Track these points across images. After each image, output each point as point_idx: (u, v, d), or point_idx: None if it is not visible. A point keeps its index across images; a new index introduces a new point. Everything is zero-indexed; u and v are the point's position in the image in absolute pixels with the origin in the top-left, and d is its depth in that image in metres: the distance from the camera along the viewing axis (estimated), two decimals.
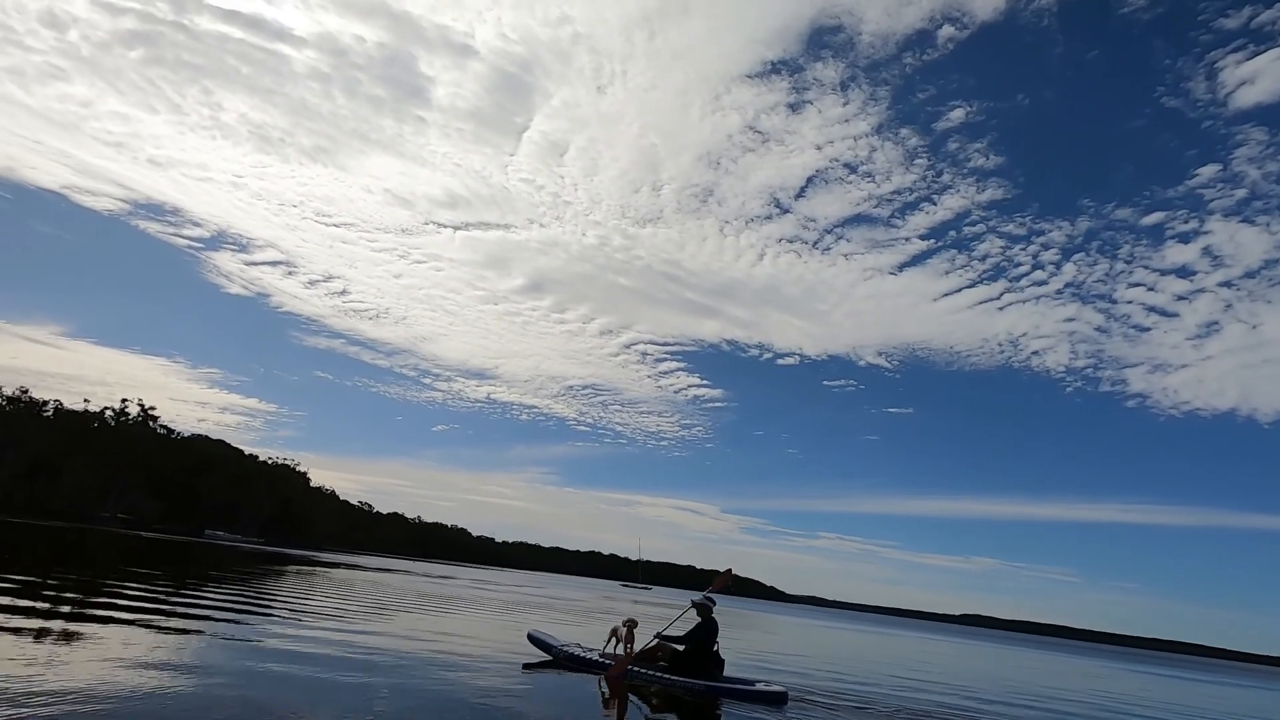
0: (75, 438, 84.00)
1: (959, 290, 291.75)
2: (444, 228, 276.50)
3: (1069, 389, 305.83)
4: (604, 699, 9.12)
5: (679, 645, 10.75)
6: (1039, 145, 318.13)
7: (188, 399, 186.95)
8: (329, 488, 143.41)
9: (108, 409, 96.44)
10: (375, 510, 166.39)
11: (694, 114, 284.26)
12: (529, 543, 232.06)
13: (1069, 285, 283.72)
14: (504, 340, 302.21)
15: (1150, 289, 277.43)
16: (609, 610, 31.42)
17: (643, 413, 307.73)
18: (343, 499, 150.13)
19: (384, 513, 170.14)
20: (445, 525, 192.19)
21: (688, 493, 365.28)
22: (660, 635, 11.03)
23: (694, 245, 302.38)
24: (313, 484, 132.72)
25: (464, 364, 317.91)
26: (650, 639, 11.00)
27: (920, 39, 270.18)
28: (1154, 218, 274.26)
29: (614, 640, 11.36)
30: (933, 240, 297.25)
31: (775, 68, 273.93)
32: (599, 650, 11.50)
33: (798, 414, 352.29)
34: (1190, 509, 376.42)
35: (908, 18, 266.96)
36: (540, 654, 11.81)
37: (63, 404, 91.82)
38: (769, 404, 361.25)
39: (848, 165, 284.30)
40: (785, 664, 17.07)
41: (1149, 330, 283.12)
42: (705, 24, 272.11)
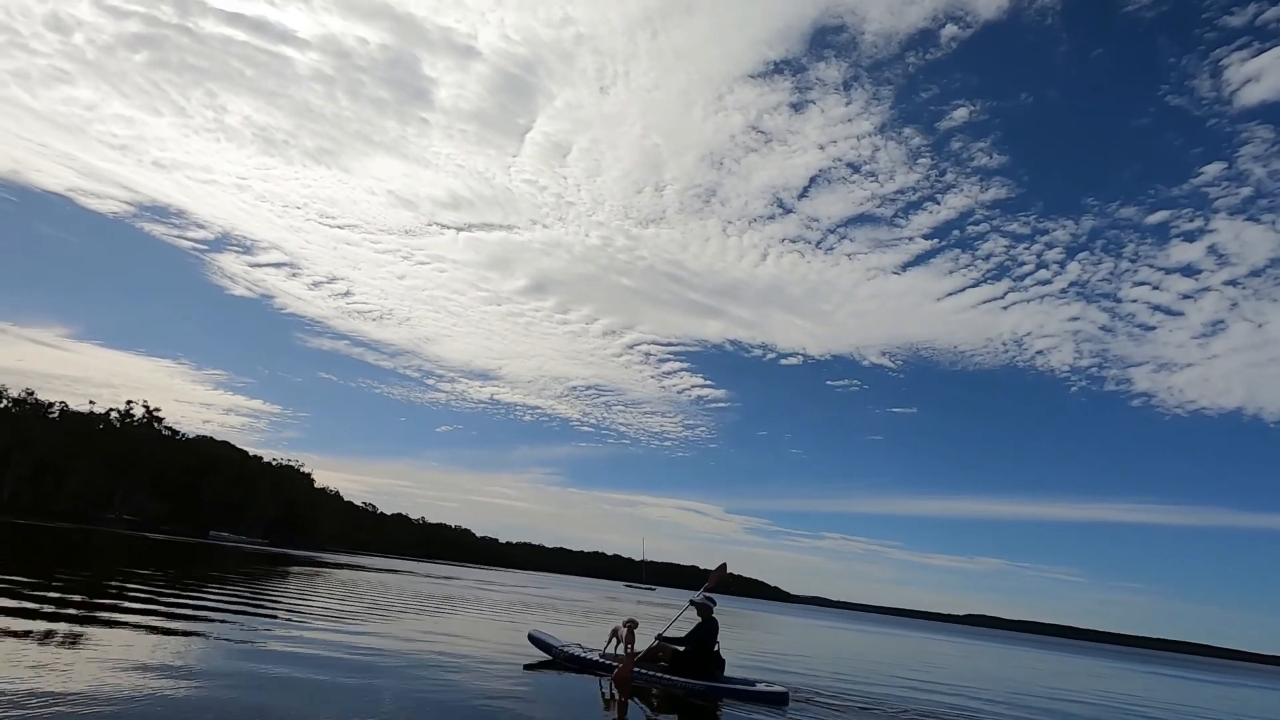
0: (81, 439, 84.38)
1: (963, 290, 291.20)
2: (447, 229, 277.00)
3: (1073, 388, 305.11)
4: (604, 699, 9.13)
5: (679, 646, 10.76)
6: (1043, 144, 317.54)
7: (192, 401, 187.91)
8: (333, 489, 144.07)
9: (113, 411, 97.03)
10: (379, 511, 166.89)
11: (697, 114, 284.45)
12: (533, 543, 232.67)
13: (1073, 284, 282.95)
14: (507, 341, 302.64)
15: (1155, 288, 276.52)
16: (613, 611, 31.44)
17: (646, 413, 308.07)
18: (347, 500, 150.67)
19: (388, 514, 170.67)
20: (449, 526, 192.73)
21: (691, 493, 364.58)
22: (661, 637, 11.03)
23: (697, 245, 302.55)
24: (317, 485, 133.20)
25: (467, 365, 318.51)
26: (651, 641, 11.01)
27: (923, 38, 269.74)
28: (1158, 216, 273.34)
29: (614, 641, 11.36)
30: (936, 240, 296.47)
31: (778, 67, 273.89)
32: (599, 650, 11.51)
33: (801, 414, 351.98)
34: (1196, 509, 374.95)
35: (910, 17, 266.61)
36: (541, 654, 11.83)
37: (68, 406, 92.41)
38: (772, 404, 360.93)
39: (851, 165, 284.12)
40: (788, 664, 17.05)
41: (1154, 329, 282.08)
42: (708, 24, 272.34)
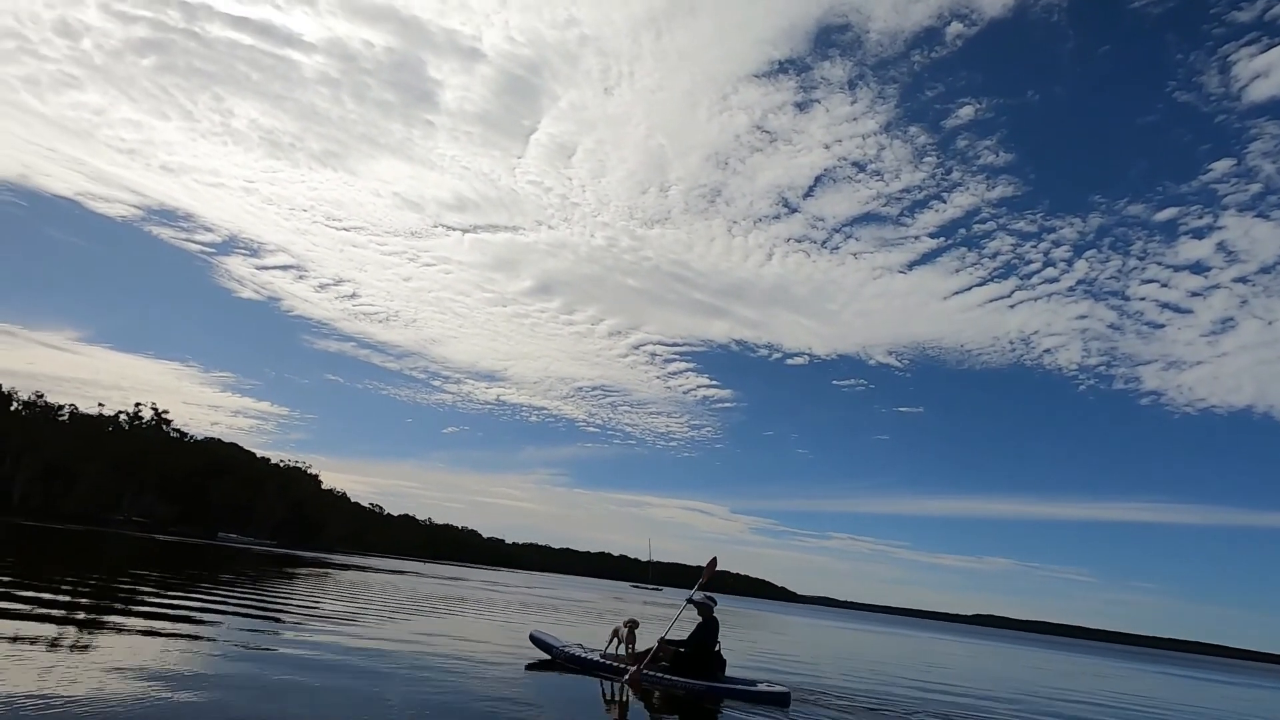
0: (90, 442, 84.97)
1: (969, 288, 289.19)
2: (453, 230, 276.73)
3: (1081, 387, 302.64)
4: (605, 700, 9.17)
5: (681, 648, 10.76)
6: (1049, 142, 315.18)
7: (201, 403, 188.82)
8: (340, 490, 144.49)
9: (122, 413, 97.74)
10: (386, 512, 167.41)
11: (701, 114, 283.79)
12: (539, 544, 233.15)
13: (1081, 282, 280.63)
14: (513, 342, 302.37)
15: (1164, 285, 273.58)
16: (619, 612, 31.48)
17: (652, 413, 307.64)
18: (354, 501, 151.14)
19: (395, 515, 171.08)
20: (456, 527, 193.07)
21: (697, 493, 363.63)
22: (664, 640, 11.00)
23: (702, 246, 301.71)
24: (324, 486, 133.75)
25: (473, 366, 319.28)
26: (653, 644, 11.01)
27: (928, 36, 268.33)
28: (1167, 213, 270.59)
29: (615, 641, 11.40)
30: (942, 238, 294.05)
31: (782, 67, 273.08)
32: (600, 651, 11.54)
33: (807, 414, 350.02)
34: (1206, 508, 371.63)
35: (916, 15, 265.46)
36: (542, 655, 11.88)
37: (78, 408, 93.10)
38: (778, 404, 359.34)
39: (856, 164, 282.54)
40: (792, 665, 17.05)
41: (1163, 327, 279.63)
42: (712, 24, 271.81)
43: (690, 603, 11.04)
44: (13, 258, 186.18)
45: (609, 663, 10.83)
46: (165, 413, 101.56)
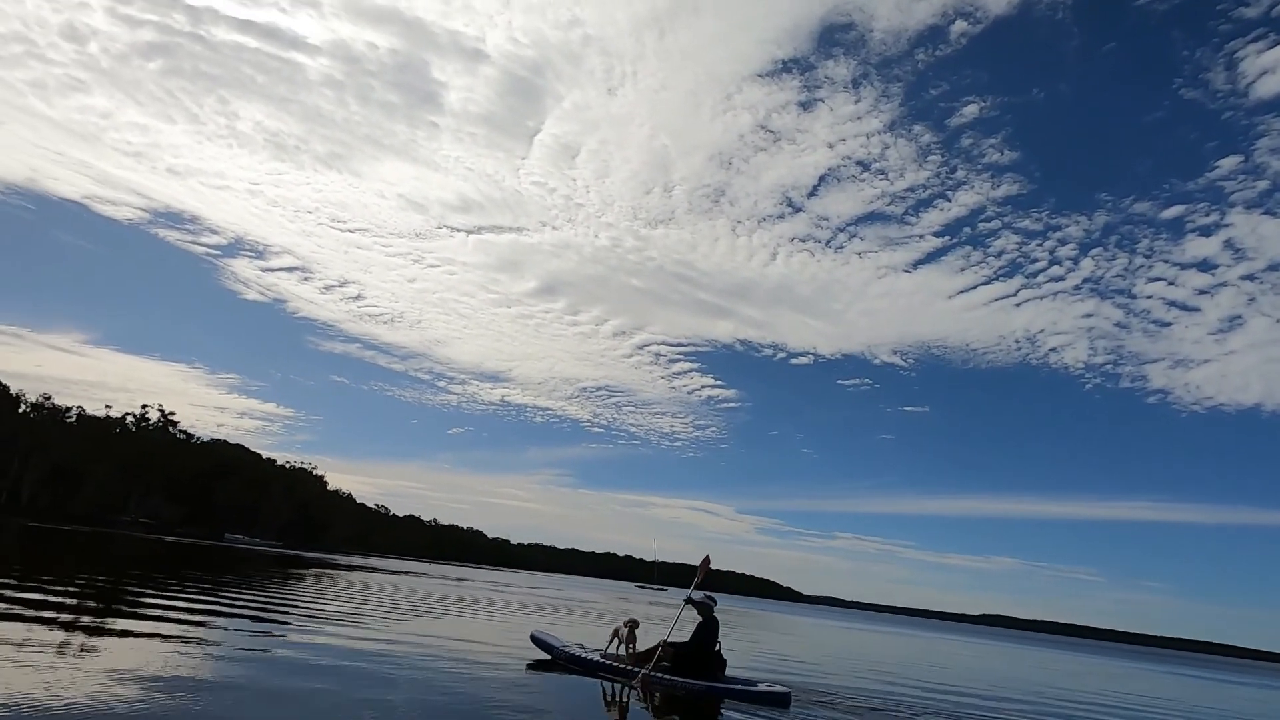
0: (97, 443, 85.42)
1: (974, 287, 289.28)
2: (457, 232, 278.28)
3: (1088, 385, 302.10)
4: (605, 700, 9.13)
5: (681, 647, 10.69)
6: (1055, 140, 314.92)
7: (207, 404, 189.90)
8: (346, 491, 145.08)
9: (129, 415, 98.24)
10: (392, 513, 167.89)
11: (705, 114, 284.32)
12: (544, 544, 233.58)
13: (1087, 281, 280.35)
14: (517, 343, 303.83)
15: (1171, 283, 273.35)
16: (623, 612, 31.43)
17: (656, 414, 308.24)
18: (359, 502, 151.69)
19: (400, 515, 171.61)
20: (461, 527, 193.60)
21: (702, 493, 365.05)
22: (666, 644, 10.90)
23: (706, 246, 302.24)
24: (330, 487, 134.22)
25: (478, 367, 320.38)
26: (654, 645, 10.95)
27: (932, 34, 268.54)
28: (1174, 211, 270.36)
29: (615, 641, 11.35)
30: (947, 237, 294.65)
31: (786, 66, 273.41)
32: (601, 650, 11.50)
33: (812, 414, 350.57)
34: (1214, 506, 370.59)
35: (919, 14, 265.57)
36: (543, 655, 11.85)
37: (85, 410, 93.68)
38: (783, 404, 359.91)
39: (860, 163, 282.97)
40: (796, 665, 16.98)
41: (1170, 325, 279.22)
42: (715, 24, 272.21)
43: (689, 603, 10.97)
44: (21, 261, 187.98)
45: (609, 663, 10.78)
46: (172, 414, 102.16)
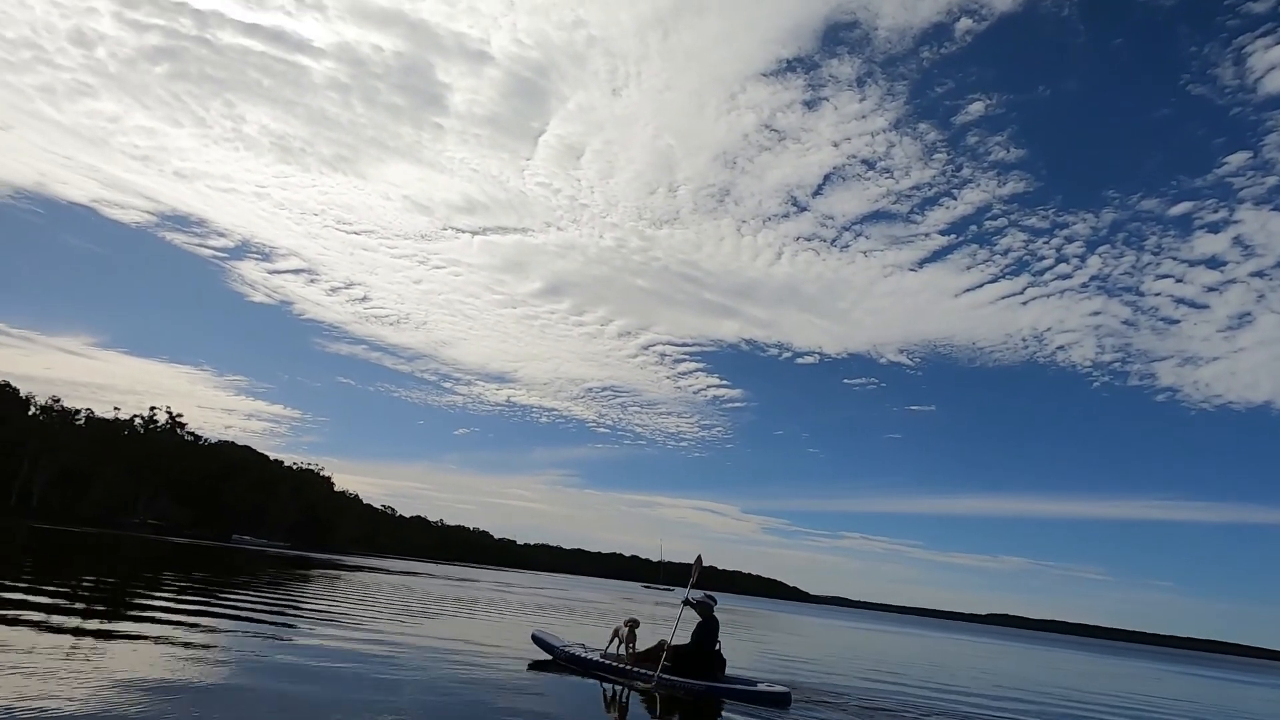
0: (106, 445, 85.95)
1: (981, 285, 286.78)
2: (462, 233, 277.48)
3: (1096, 384, 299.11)
4: (605, 700, 9.17)
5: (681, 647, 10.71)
6: (1061, 137, 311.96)
7: (214, 406, 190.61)
8: (353, 492, 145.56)
9: (137, 417, 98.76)
10: (398, 514, 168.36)
11: (709, 114, 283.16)
12: (550, 545, 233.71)
13: (1094, 278, 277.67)
14: (523, 343, 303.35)
15: (1179, 280, 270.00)
16: (629, 612, 31.44)
17: (662, 414, 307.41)
18: (366, 503, 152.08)
19: (407, 516, 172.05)
20: (467, 528, 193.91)
21: (708, 493, 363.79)
22: (667, 644, 10.92)
23: (711, 245, 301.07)
24: (337, 488, 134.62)
25: (483, 368, 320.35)
26: (654, 643, 10.99)
27: (937, 32, 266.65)
28: (1182, 208, 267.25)
29: (615, 641, 11.39)
30: (953, 235, 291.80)
31: (790, 65, 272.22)
32: (601, 650, 11.53)
33: (818, 413, 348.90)
34: (1224, 505, 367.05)
35: (924, 11, 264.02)
36: (544, 654, 11.90)
37: (94, 413, 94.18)
38: (789, 404, 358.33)
39: (865, 161, 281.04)
40: (799, 665, 16.98)
41: (1178, 323, 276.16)
42: (719, 23, 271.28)
43: (688, 603, 10.99)
44: (30, 264, 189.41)
45: (609, 662, 10.82)
46: (180, 416, 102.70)
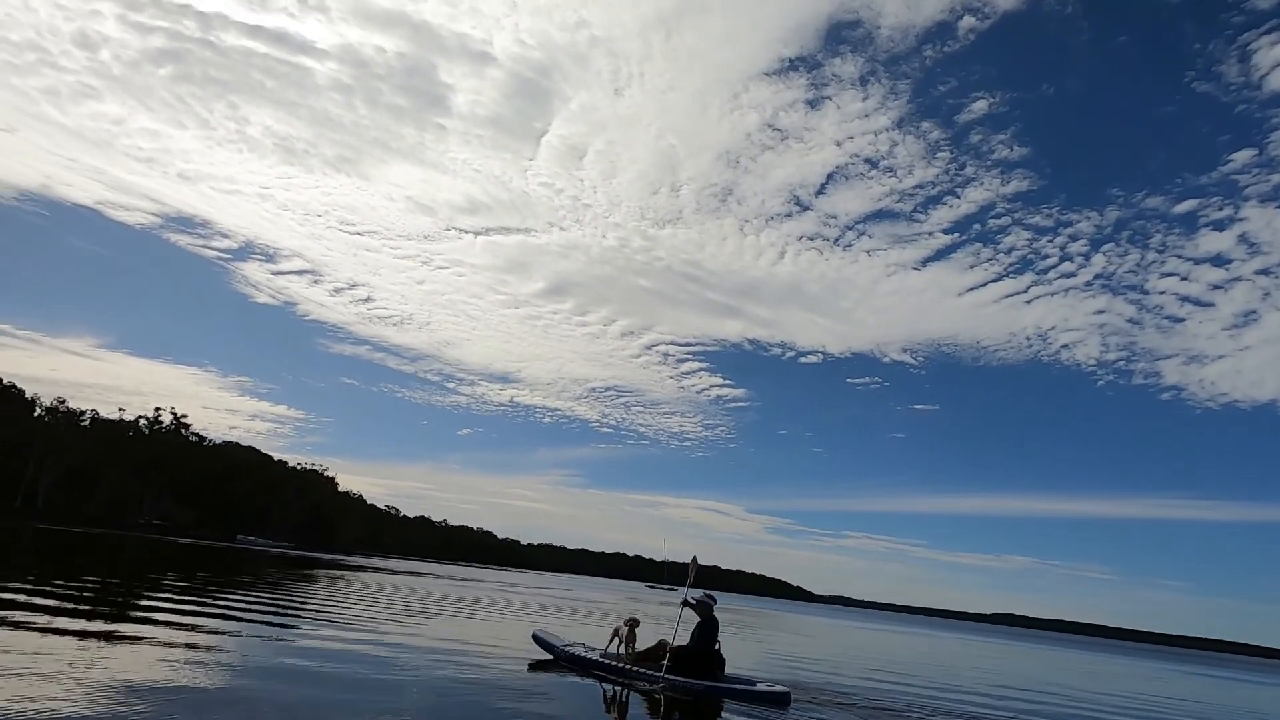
0: (111, 446, 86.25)
1: (984, 284, 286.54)
2: (465, 233, 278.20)
3: (1100, 382, 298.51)
4: (605, 699, 9.21)
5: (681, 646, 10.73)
6: (1065, 135, 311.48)
7: (219, 407, 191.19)
8: (357, 492, 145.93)
9: (142, 418, 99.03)
10: (402, 514, 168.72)
11: (712, 113, 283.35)
12: (554, 545, 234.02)
13: (1099, 277, 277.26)
14: (526, 344, 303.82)
15: (1184, 279, 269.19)
16: (633, 612, 31.46)
17: (665, 414, 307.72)
18: (370, 503, 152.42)
19: (411, 516, 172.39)
20: (471, 528, 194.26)
21: (712, 493, 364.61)
22: (668, 644, 10.94)
23: (714, 245, 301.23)
24: (341, 489, 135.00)
25: (487, 368, 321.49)
26: (654, 643, 11.02)
27: (940, 31, 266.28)
28: (1186, 205, 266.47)
29: (615, 640, 11.42)
30: (957, 234, 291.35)
31: (793, 65, 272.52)
32: (601, 650, 11.57)
33: (822, 413, 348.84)
34: (1229, 504, 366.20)
35: (927, 10, 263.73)
36: (544, 654, 11.93)
37: (99, 414, 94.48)
38: (792, 403, 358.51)
39: (868, 160, 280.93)
40: (801, 664, 16.98)
41: (1183, 321, 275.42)
42: (722, 23, 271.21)
43: (687, 604, 11.00)
44: (35, 266, 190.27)
45: (609, 662, 10.84)
46: (184, 417, 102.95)
